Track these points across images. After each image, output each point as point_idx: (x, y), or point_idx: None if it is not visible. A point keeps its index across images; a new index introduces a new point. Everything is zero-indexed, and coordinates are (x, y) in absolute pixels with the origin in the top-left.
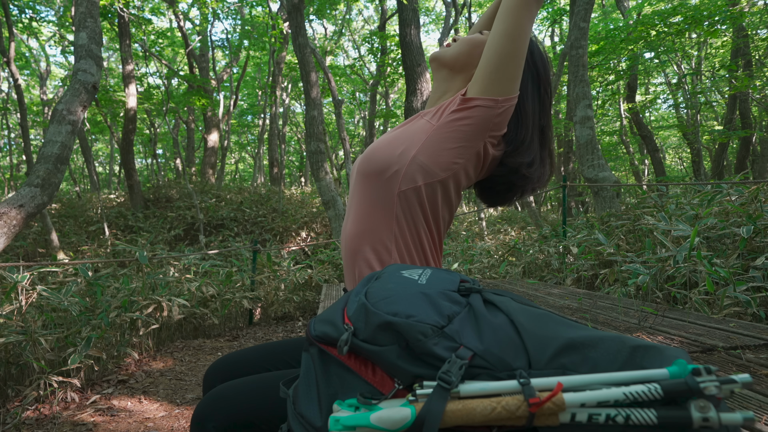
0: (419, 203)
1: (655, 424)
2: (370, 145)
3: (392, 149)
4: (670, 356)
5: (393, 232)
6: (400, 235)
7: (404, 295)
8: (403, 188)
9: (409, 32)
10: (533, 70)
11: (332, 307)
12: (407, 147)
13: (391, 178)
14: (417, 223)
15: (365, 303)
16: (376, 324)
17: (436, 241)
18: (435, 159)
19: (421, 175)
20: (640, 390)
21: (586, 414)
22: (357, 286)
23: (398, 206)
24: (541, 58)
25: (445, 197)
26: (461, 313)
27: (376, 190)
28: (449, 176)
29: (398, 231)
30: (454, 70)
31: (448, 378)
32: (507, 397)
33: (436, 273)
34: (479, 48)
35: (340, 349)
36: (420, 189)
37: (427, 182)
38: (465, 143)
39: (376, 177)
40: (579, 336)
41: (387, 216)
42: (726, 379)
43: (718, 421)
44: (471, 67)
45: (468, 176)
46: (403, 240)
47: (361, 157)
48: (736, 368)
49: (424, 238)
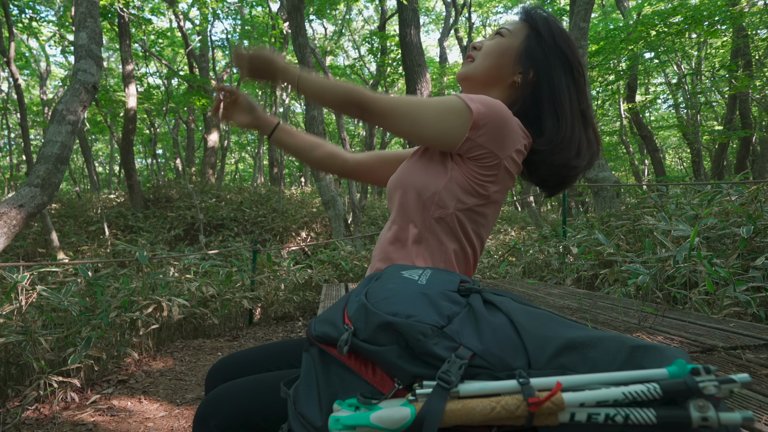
0: (451, 228)
1: (655, 424)
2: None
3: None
4: (669, 356)
5: (423, 252)
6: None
7: (404, 295)
8: (435, 214)
9: (409, 32)
10: (561, 56)
11: (332, 307)
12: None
13: (426, 201)
14: (448, 245)
15: (365, 303)
16: (376, 324)
17: (470, 258)
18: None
19: (454, 202)
20: (639, 390)
21: (585, 414)
22: (357, 286)
23: (429, 230)
24: (564, 39)
25: (482, 216)
26: (461, 313)
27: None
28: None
29: (428, 252)
30: (487, 86)
31: (447, 378)
32: (506, 396)
33: (436, 273)
34: (506, 56)
35: (340, 349)
36: (452, 215)
37: (459, 209)
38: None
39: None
40: (578, 336)
41: (419, 236)
42: (725, 379)
43: (717, 421)
44: (504, 78)
45: (502, 190)
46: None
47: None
48: (736, 368)
49: (453, 257)
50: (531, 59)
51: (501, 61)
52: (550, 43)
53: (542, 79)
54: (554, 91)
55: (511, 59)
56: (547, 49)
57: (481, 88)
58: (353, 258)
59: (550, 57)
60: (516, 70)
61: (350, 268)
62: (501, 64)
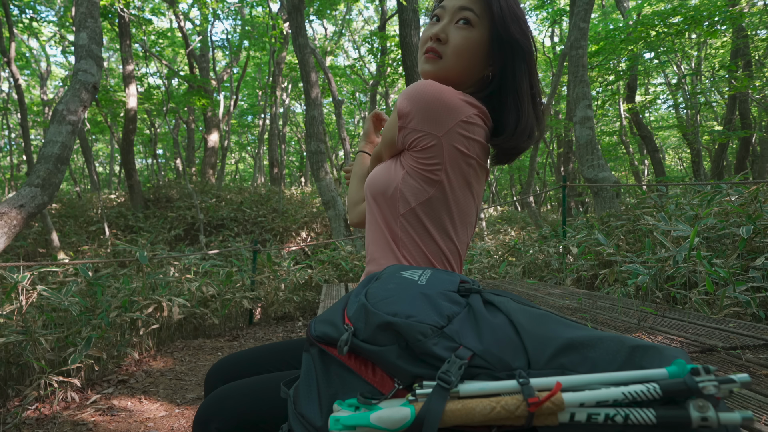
0: (421, 223)
1: (654, 424)
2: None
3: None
4: (669, 356)
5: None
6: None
7: (404, 295)
8: (401, 211)
9: (409, 33)
10: (519, 44)
11: (332, 307)
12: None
13: (390, 199)
14: (422, 242)
15: (365, 303)
16: (376, 324)
17: (449, 256)
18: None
19: (413, 196)
20: (638, 390)
21: (585, 414)
22: (357, 287)
23: (400, 227)
24: (518, 21)
25: (445, 204)
26: (461, 314)
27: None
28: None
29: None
30: (458, 86)
31: (447, 378)
32: (506, 396)
33: (436, 273)
34: (479, 54)
35: (340, 349)
36: (415, 210)
37: (420, 202)
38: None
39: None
40: (578, 336)
41: (394, 235)
42: (725, 379)
43: (716, 421)
44: (476, 74)
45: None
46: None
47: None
48: (736, 368)
49: (431, 256)
50: (500, 50)
51: (474, 61)
52: (513, 30)
53: (506, 71)
54: (516, 83)
55: (484, 56)
56: (510, 37)
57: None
58: (353, 258)
59: (513, 46)
60: (487, 63)
61: (350, 268)
62: (474, 64)
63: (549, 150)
